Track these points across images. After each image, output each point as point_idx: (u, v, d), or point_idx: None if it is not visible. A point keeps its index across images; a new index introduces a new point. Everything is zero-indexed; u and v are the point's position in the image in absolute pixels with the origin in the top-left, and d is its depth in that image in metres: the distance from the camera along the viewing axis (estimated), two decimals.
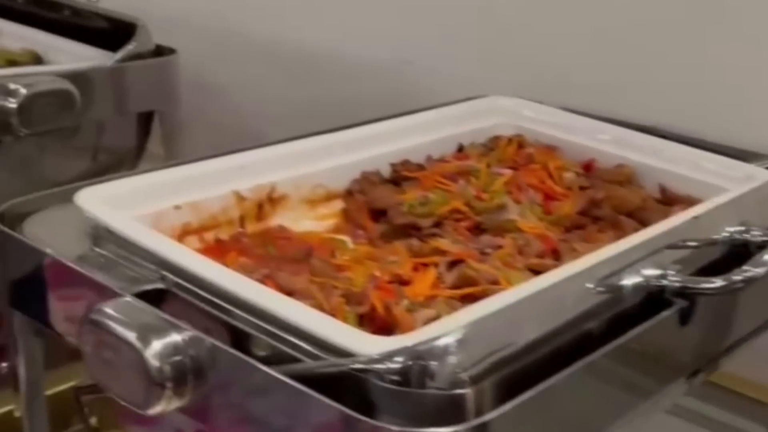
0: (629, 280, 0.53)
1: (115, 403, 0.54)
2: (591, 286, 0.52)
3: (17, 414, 0.70)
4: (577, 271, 0.53)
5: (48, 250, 0.58)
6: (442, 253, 0.63)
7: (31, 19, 1.10)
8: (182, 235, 0.65)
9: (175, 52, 1.01)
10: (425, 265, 0.62)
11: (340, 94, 1.21)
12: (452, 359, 0.44)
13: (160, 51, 1.01)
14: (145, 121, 1.03)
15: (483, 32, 1.04)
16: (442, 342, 0.44)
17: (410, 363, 0.44)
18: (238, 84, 1.33)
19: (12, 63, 1.00)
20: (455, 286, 0.60)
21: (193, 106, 1.09)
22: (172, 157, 1.07)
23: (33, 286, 0.59)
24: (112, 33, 1.02)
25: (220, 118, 1.34)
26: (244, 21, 1.29)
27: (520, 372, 0.47)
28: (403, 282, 0.60)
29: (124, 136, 1.04)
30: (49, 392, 0.72)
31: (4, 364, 1.05)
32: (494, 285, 0.59)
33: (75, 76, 0.90)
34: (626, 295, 0.53)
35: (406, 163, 0.78)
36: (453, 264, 0.62)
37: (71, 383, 0.90)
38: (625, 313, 0.53)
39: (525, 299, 0.49)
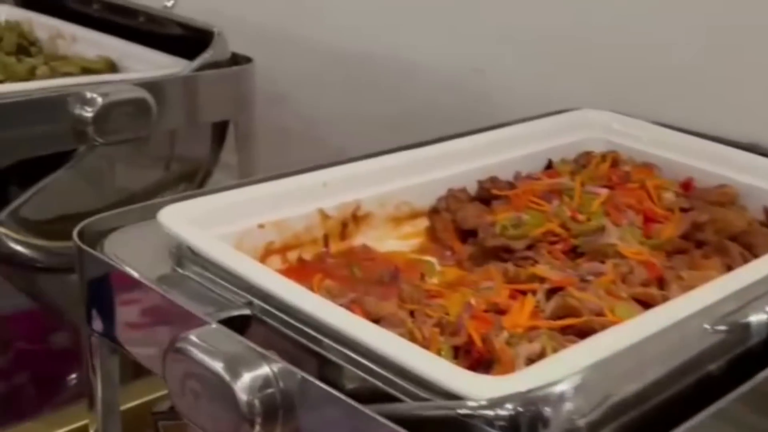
0: (755, 317, 0.48)
1: (192, 429, 0.52)
2: (714, 323, 0.48)
3: (91, 430, 0.68)
4: (699, 308, 0.49)
5: (129, 271, 0.56)
6: (540, 279, 0.59)
7: (106, 25, 1.09)
8: (265, 254, 0.63)
9: (252, 61, 0.98)
10: (522, 292, 0.59)
11: (410, 101, 1.18)
12: (568, 405, 0.41)
13: (236, 59, 0.98)
14: (219, 130, 1.01)
15: (560, 40, 1.00)
16: (559, 388, 0.40)
17: (522, 409, 0.40)
18: (310, 92, 1.30)
19: (87, 70, 0.99)
20: (556, 316, 0.56)
21: (265, 114, 1.07)
22: (245, 168, 1.05)
23: (113, 307, 0.57)
24: (188, 40, 1.00)
25: (292, 127, 1.32)
26: (317, 28, 1.26)
27: (640, 419, 0.43)
28: (500, 311, 0.56)
29: (198, 145, 1.02)
30: (122, 407, 0.70)
31: (74, 376, 1.04)
32: (598, 317, 0.55)
33: (151, 85, 0.89)
34: (752, 334, 0.48)
35: (494, 181, 0.74)
36: (552, 291, 0.58)
37: (144, 399, 0.89)
38: (747, 353, 0.49)
39: (646, 339, 0.45)
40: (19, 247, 0.89)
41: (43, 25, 1.11)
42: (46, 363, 1.06)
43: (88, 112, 0.84)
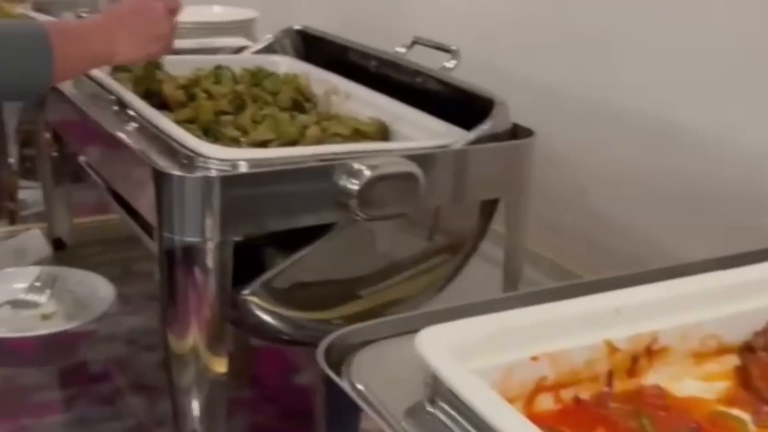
0: None
1: None
2: None
3: None
4: None
5: (373, 411, 0.47)
6: None
7: (382, 82, 1.03)
8: (536, 392, 0.52)
9: (533, 135, 0.88)
10: None
11: (698, 176, 1.03)
12: None
13: (515, 132, 0.89)
14: (490, 205, 0.92)
15: None
16: None
17: None
18: (590, 159, 1.19)
19: (358, 133, 0.94)
20: None
21: (538, 178, 0.96)
22: (514, 243, 0.94)
23: None
24: (466, 106, 0.92)
25: (563, 191, 1.20)
26: (600, 89, 1.15)
27: None
28: None
29: (465, 219, 0.93)
30: None
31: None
32: None
33: (421, 158, 0.81)
34: None
35: None
36: None
37: None
38: None
39: None
40: (267, 317, 0.84)
41: (319, 80, 1.08)
42: (289, 399, 1.02)
43: (354, 185, 0.77)
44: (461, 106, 0.93)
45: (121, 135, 0.84)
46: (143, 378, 1.00)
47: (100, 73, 0.97)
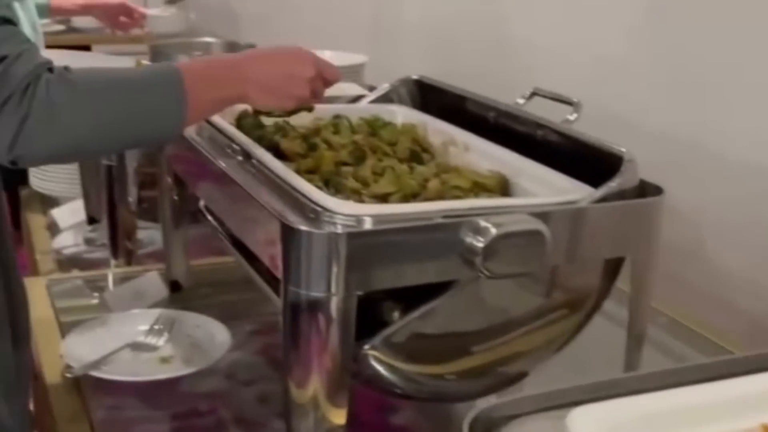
0: None
1: None
2: None
3: None
4: None
5: None
6: None
7: (502, 133, 1.02)
8: None
9: (662, 192, 0.86)
10: None
11: None
12: None
13: (643, 189, 0.86)
14: (614, 263, 0.89)
15: None
16: None
17: None
18: (709, 213, 1.16)
19: (477, 186, 0.92)
20: None
21: None
22: (638, 305, 0.91)
23: None
24: (588, 161, 0.90)
25: (685, 249, 1.17)
26: (723, 142, 1.12)
27: None
28: None
29: (588, 276, 0.91)
30: None
31: None
32: None
33: (547, 215, 0.79)
34: None
35: None
36: None
37: None
38: None
39: None
40: (383, 370, 0.84)
41: (436, 131, 1.07)
42: None
43: (479, 242, 0.76)
44: (584, 160, 0.91)
45: (249, 186, 0.85)
46: (242, 412, 1.01)
47: (224, 122, 0.99)
